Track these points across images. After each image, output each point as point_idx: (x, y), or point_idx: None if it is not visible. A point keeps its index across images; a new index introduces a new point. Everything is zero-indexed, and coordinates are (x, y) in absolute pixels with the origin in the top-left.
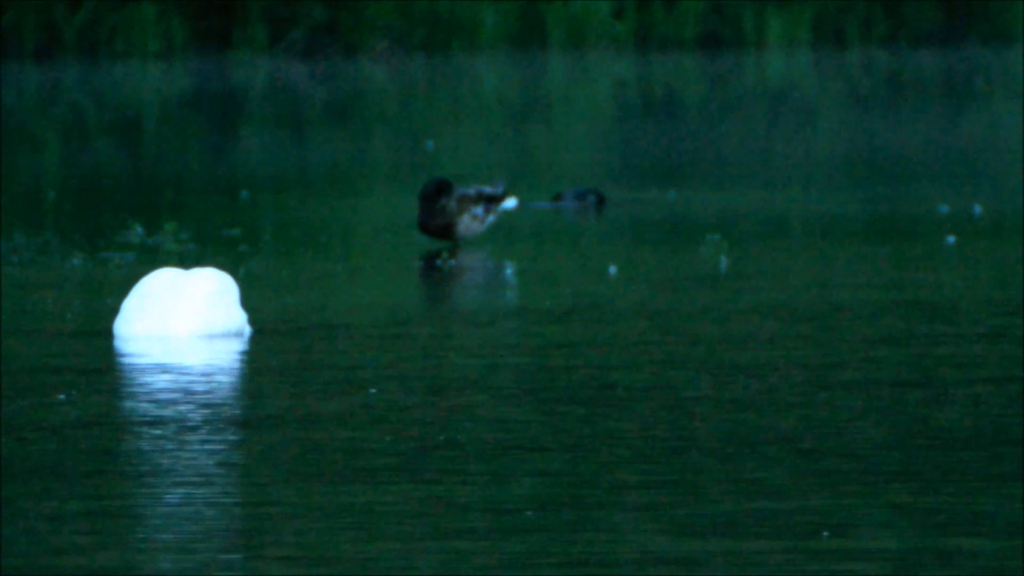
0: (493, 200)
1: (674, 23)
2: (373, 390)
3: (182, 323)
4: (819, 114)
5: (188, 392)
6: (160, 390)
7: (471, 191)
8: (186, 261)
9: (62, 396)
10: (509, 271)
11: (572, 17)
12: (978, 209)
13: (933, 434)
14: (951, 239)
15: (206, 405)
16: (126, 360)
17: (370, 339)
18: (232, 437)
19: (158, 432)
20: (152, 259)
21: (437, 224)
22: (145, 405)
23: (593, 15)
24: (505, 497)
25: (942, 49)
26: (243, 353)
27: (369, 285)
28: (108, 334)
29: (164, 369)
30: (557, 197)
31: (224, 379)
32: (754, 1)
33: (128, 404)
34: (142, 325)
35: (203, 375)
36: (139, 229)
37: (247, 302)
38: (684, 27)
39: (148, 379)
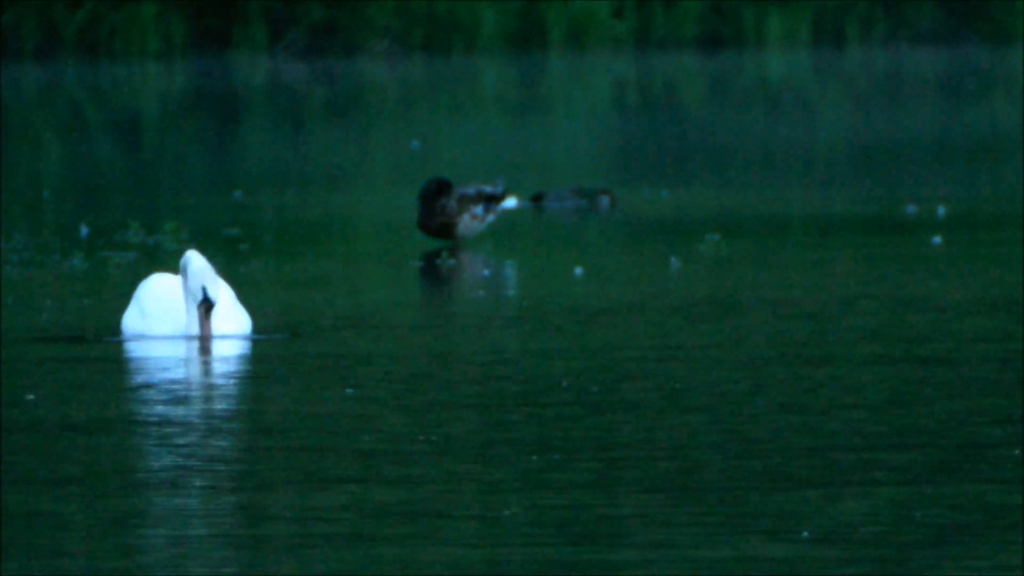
0: (493, 199)
1: (674, 23)
2: (350, 390)
3: (225, 323)
4: (814, 114)
5: (186, 392)
6: (158, 390)
7: (471, 190)
8: None
9: (31, 396)
10: (487, 272)
11: (572, 17)
12: (942, 211)
13: (923, 434)
14: (937, 239)
15: (204, 406)
16: (126, 360)
17: (368, 340)
18: (229, 438)
19: (157, 433)
20: (152, 259)
21: (437, 223)
22: (143, 405)
23: (593, 15)
24: (492, 500)
25: (942, 49)
26: (242, 354)
27: (369, 285)
28: (108, 334)
29: (162, 369)
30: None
31: (222, 380)
32: (754, 1)
33: (126, 404)
34: (178, 326)
35: (201, 376)
36: (83, 231)
37: (247, 302)
38: (684, 27)
39: (146, 379)
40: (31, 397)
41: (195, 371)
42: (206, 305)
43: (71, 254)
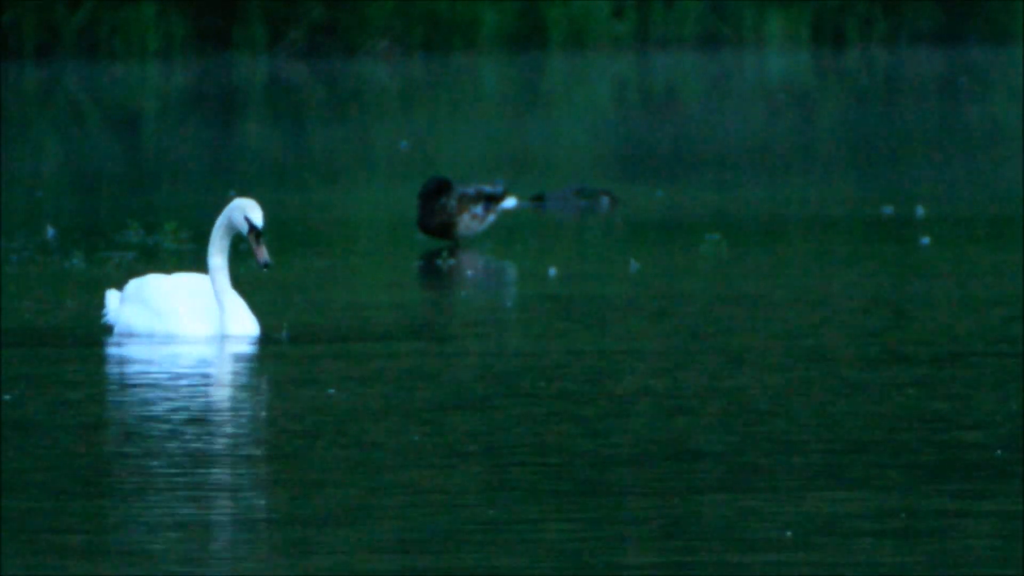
0: (493, 199)
1: (674, 22)
2: (332, 390)
3: (246, 324)
4: (812, 114)
5: (182, 394)
6: (155, 391)
7: (471, 190)
8: (186, 261)
9: (7, 397)
10: (470, 273)
11: (572, 17)
12: (920, 211)
13: (906, 436)
14: (925, 240)
15: (199, 406)
16: (126, 360)
17: (362, 341)
18: (216, 439)
19: (155, 434)
20: (152, 259)
21: (437, 223)
22: (141, 406)
23: (593, 15)
24: (476, 503)
25: (942, 49)
26: (241, 354)
27: (369, 285)
28: (105, 334)
29: (161, 370)
30: (539, 197)
31: (219, 381)
32: (754, 0)
33: (124, 405)
34: (204, 326)
35: (197, 376)
36: (49, 232)
37: (248, 302)
38: (684, 26)
39: (144, 380)
40: (7, 397)
41: (188, 372)
42: (255, 232)
43: (71, 254)
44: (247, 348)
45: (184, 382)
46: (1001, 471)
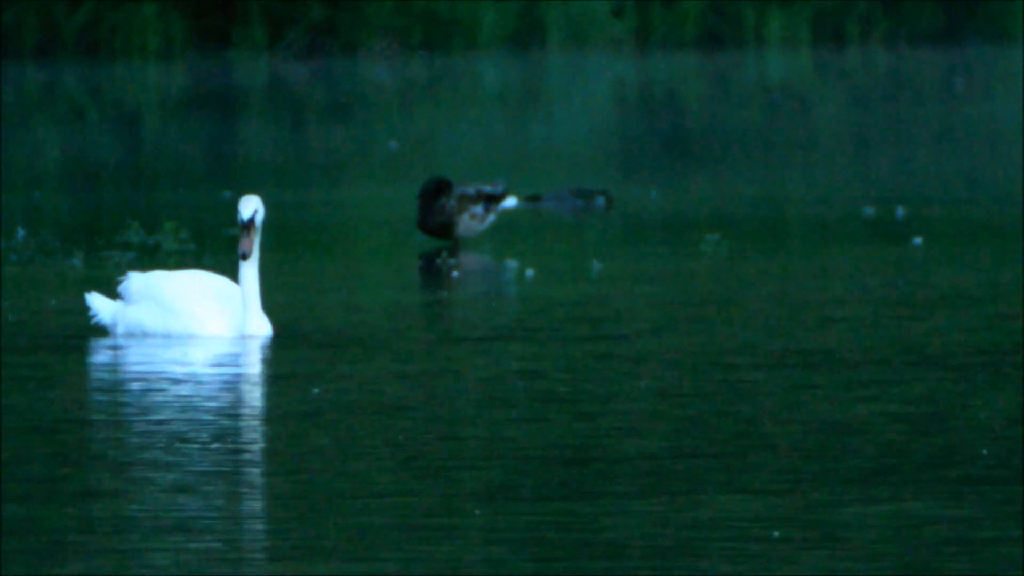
0: (493, 199)
1: (674, 23)
2: (317, 390)
3: (264, 325)
4: (811, 114)
5: (179, 394)
6: (154, 391)
7: (471, 190)
8: (186, 261)
9: None
10: (456, 274)
11: (572, 17)
12: (900, 212)
13: (915, 440)
14: (917, 240)
15: (197, 407)
16: (125, 359)
17: (365, 340)
18: (214, 440)
19: (153, 434)
20: (152, 259)
21: (437, 223)
22: (140, 406)
23: (593, 15)
24: (455, 508)
25: (942, 49)
26: (240, 355)
27: (369, 285)
28: (102, 334)
29: (159, 370)
30: (536, 198)
31: (215, 381)
32: (754, 0)
33: (124, 404)
34: (223, 326)
35: (195, 376)
36: (19, 233)
37: None
38: (684, 26)
39: (144, 380)
40: None
41: (186, 372)
42: (243, 224)
43: (71, 253)
44: (256, 348)
45: (182, 381)
46: (993, 473)
